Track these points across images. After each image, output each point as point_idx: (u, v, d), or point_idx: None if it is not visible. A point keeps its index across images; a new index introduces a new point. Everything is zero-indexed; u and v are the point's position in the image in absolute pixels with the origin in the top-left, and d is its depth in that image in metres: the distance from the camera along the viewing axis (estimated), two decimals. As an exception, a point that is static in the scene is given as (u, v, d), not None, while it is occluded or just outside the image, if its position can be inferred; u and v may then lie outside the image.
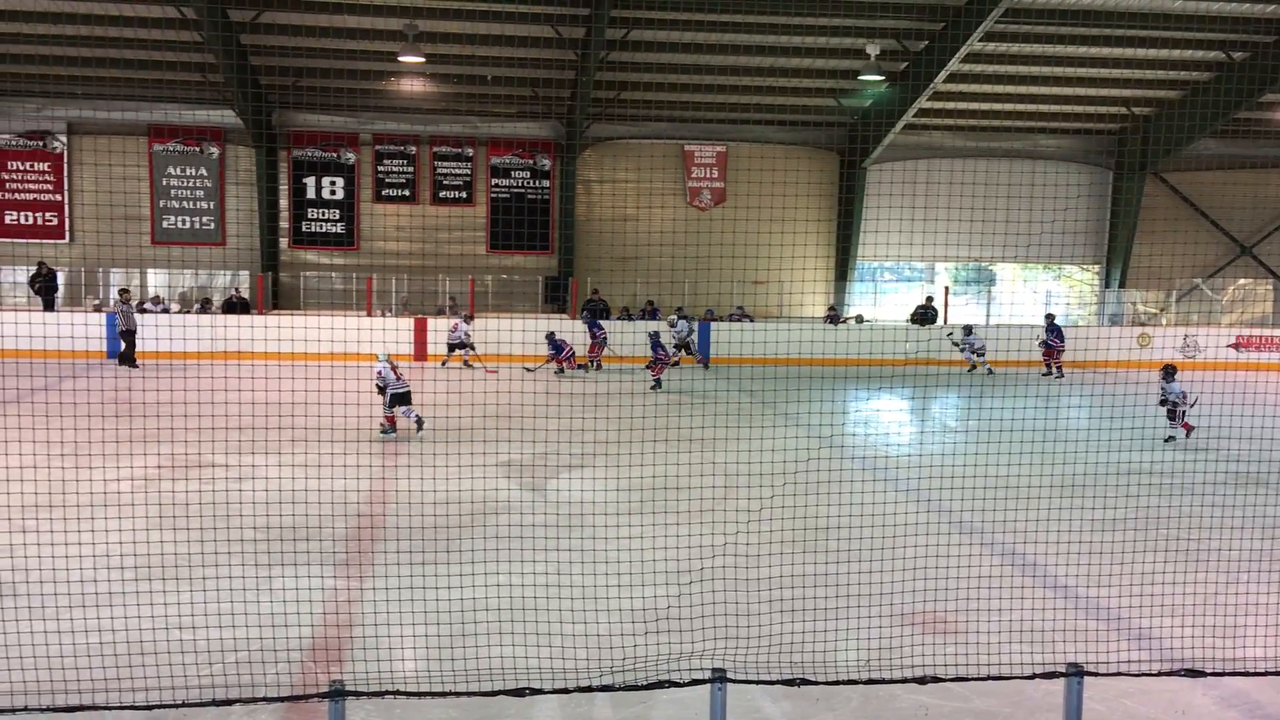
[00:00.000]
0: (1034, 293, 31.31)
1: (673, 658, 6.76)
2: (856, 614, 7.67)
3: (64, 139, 24.47)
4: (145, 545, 9.13)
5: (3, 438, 13.27)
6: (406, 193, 26.10)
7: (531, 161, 26.33)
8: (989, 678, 6.33)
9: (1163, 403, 15.32)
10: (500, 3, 20.33)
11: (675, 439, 14.41)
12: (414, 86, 23.97)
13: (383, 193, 26.04)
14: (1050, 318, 23.45)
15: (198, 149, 24.96)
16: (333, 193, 25.78)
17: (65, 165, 24.55)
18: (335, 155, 25.60)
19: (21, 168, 24.45)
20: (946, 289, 26.90)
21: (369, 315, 24.20)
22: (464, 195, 26.33)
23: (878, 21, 21.93)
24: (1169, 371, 15.49)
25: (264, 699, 6.23)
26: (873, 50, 22.39)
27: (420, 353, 22.82)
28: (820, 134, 26.98)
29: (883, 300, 29.56)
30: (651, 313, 25.43)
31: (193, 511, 9.96)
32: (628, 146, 26.74)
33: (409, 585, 8.08)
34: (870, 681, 6.39)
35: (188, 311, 23.94)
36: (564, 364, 21.02)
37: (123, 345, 20.69)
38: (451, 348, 21.77)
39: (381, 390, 14.67)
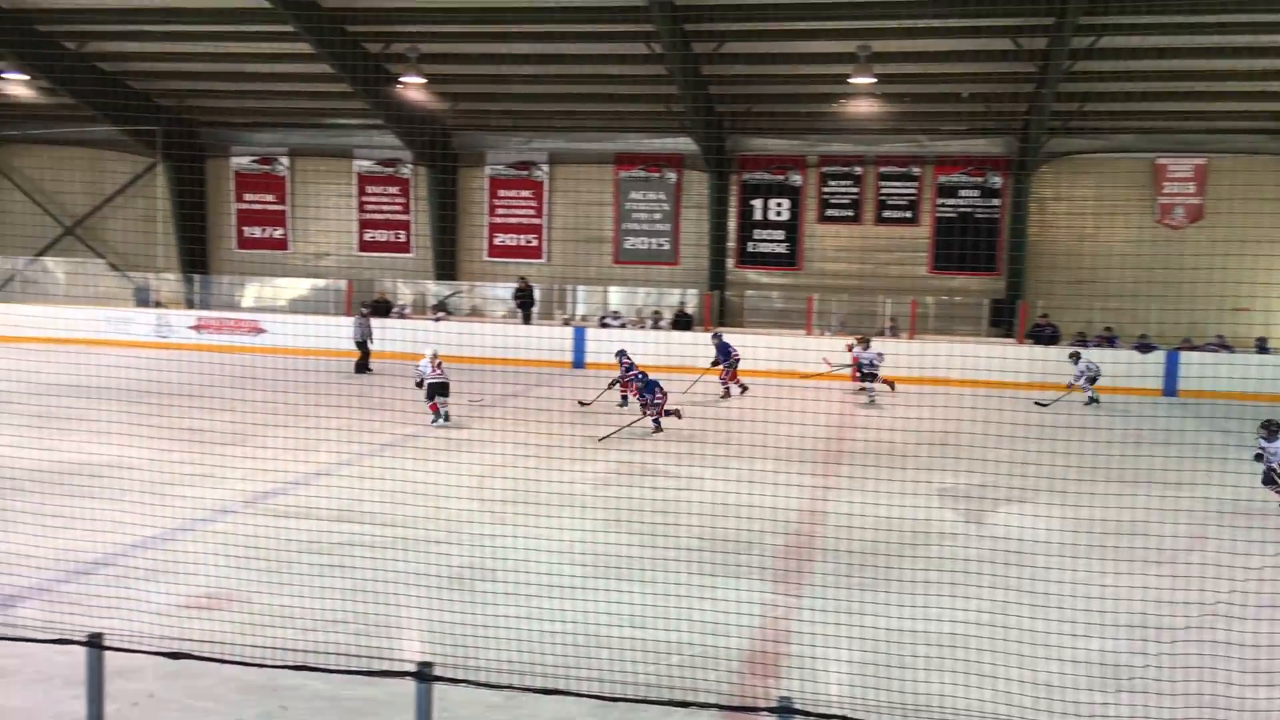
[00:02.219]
0: None
1: (1134, 722, 6.15)
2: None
3: (545, 168, 27.20)
4: (600, 543, 9.86)
5: (482, 438, 14.95)
6: (850, 213, 26.20)
7: (981, 179, 25.41)
8: None
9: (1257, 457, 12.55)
10: (957, 18, 19.81)
11: (1130, 478, 13.20)
12: (862, 107, 24.02)
13: (826, 213, 26.33)
14: None
15: (658, 175, 26.71)
16: (778, 214, 26.48)
17: (545, 192, 27.28)
18: (782, 177, 26.28)
19: (510, 195, 27.50)
20: None
21: (808, 334, 24.54)
22: (908, 215, 25.95)
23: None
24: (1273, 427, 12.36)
25: (714, 705, 6.42)
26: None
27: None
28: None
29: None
30: (1109, 340, 23.54)
31: (641, 515, 10.57)
32: (1089, 161, 25.00)
33: (843, 607, 8.04)
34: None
35: (640, 326, 25.63)
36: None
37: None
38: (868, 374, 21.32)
39: (420, 384, 16.15)
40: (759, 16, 20.36)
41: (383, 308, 26.35)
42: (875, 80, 21.67)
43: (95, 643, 4.52)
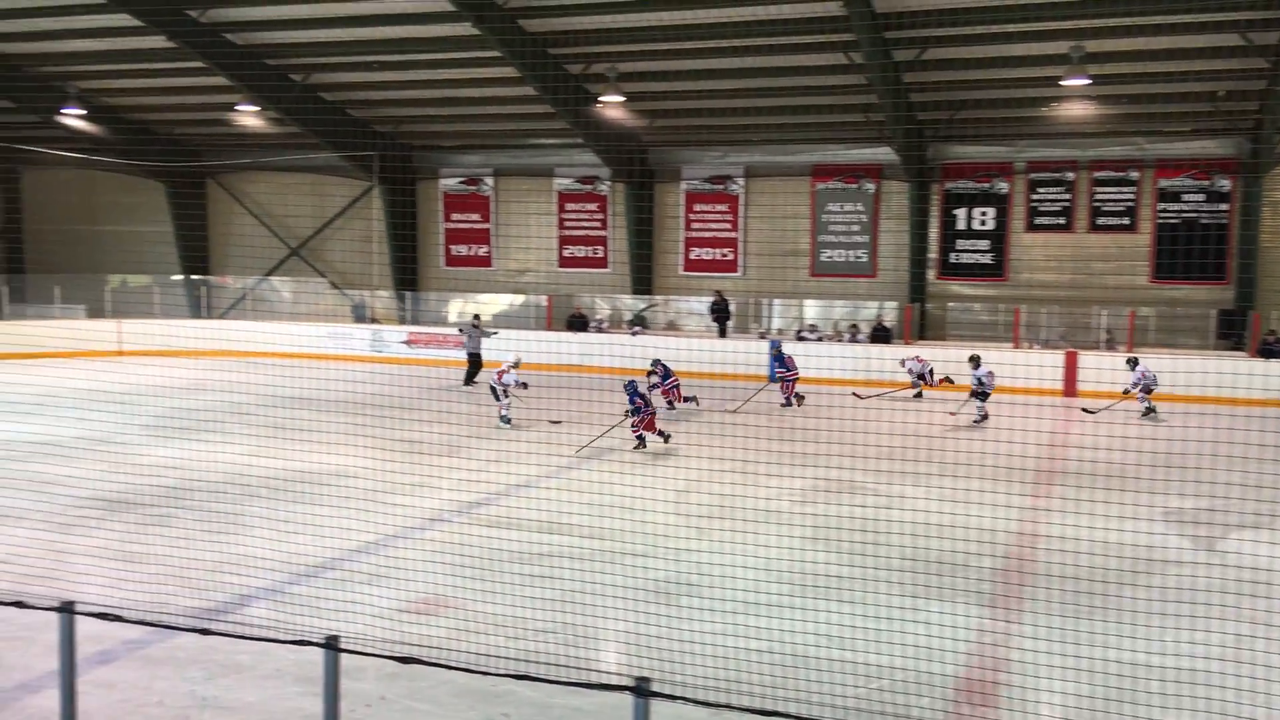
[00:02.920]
0: None
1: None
2: None
3: (741, 182, 27.18)
4: (803, 560, 9.70)
5: (682, 451, 15.01)
6: (1061, 221, 25.03)
7: (1207, 183, 23.80)
8: None
9: None
10: (1180, 14, 18.65)
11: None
12: (1074, 110, 22.92)
13: (1035, 221, 25.24)
14: None
15: (855, 185, 26.27)
16: (983, 223, 25.57)
17: (741, 206, 27.26)
18: (987, 185, 25.37)
19: (706, 209, 27.62)
20: None
21: (1015, 348, 23.57)
22: (1126, 222, 24.56)
23: None
24: None
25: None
26: None
27: (1070, 389, 21.68)
28: None
29: None
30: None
31: (845, 532, 10.35)
32: (1329, 161, 23.05)
33: (1063, 636, 7.62)
34: None
35: (837, 340, 25.23)
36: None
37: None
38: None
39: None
40: (963, 20, 19.75)
41: (580, 322, 26.92)
42: (1089, 82, 20.63)
43: (331, 645, 4.74)
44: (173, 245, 31.23)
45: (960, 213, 25.70)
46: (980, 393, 18.41)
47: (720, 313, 25.88)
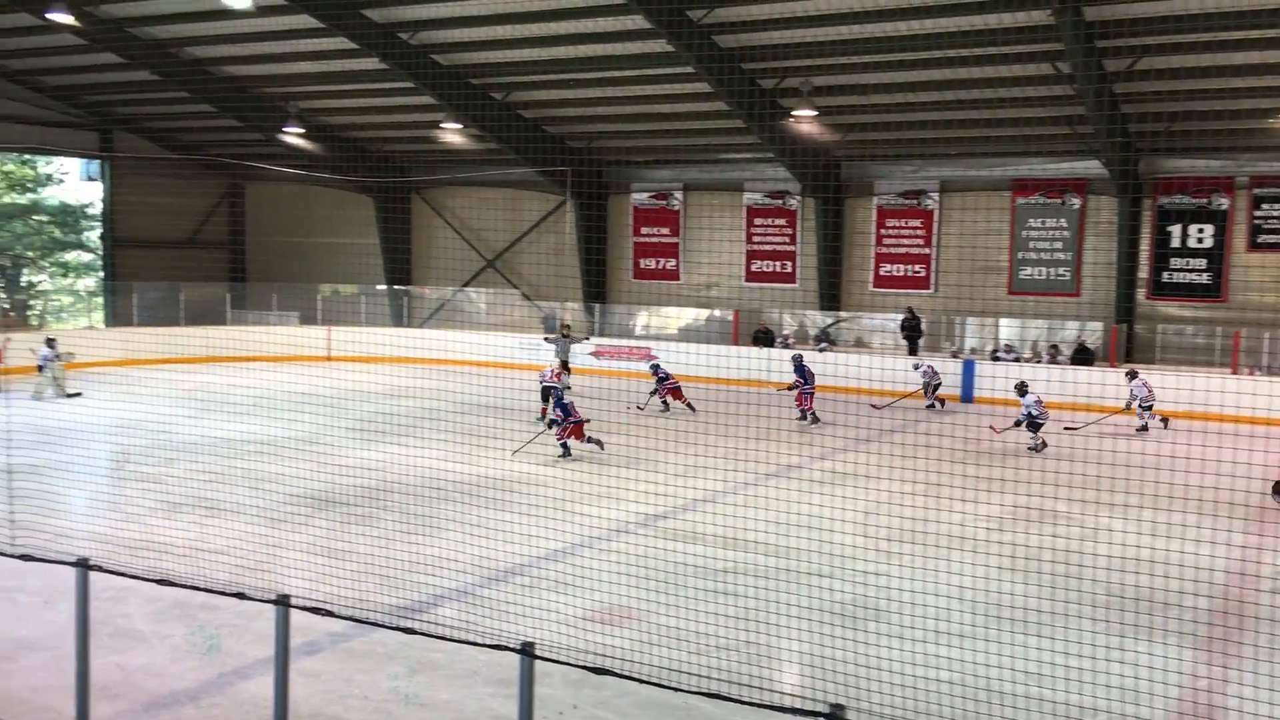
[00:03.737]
0: None
1: None
2: None
3: (935, 197, 26.46)
4: (995, 590, 9.30)
5: (866, 472, 14.68)
6: (1287, 239, 23.26)
7: None
8: None
9: None
10: None
11: None
12: (1305, 121, 21.28)
13: (1258, 240, 23.52)
14: None
15: (1059, 201, 25.15)
16: (1199, 241, 24.01)
17: (935, 221, 26.53)
18: (1205, 201, 23.82)
19: (898, 224, 27.01)
20: None
21: (1234, 373, 22.02)
22: (1362, 241, 22.61)
23: None
24: None
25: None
26: None
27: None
28: None
29: None
30: None
31: (1041, 563, 9.86)
32: None
33: (1288, 689, 7.04)
34: None
35: (1036, 361, 24.17)
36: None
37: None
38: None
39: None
40: (1181, 28, 18.61)
41: (765, 338, 26.76)
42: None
43: (527, 651, 4.83)
44: (379, 257, 32.79)
45: (1174, 230, 24.21)
46: (1033, 422, 17.25)
47: (912, 330, 25.23)
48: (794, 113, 23.03)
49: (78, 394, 20.75)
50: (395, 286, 32.34)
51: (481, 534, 9.93)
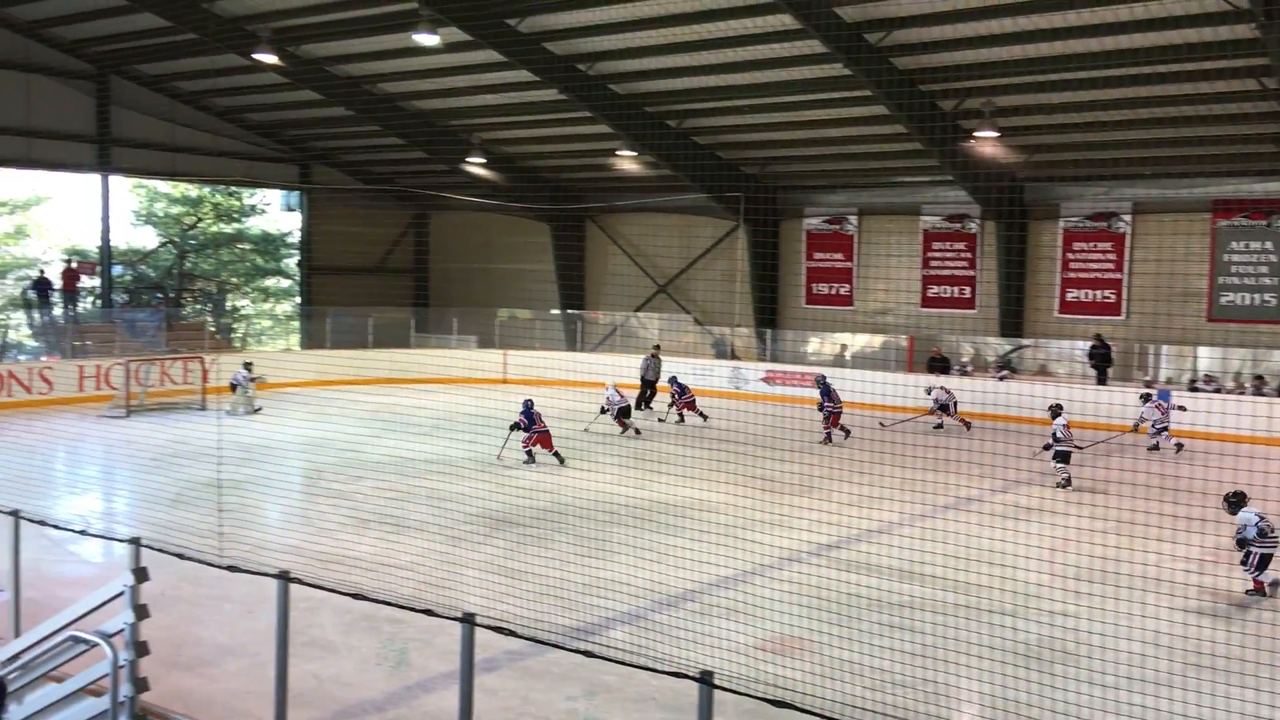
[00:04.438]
0: None
1: None
2: None
3: (1127, 219, 25.25)
4: (1197, 637, 8.75)
5: (1052, 506, 14.06)
6: None
7: None
8: None
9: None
10: None
11: None
12: None
13: None
14: None
15: (1264, 223, 23.59)
16: None
17: (1126, 245, 25.31)
18: None
19: (1085, 248, 25.88)
20: None
21: None
22: None
23: None
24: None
25: None
26: None
27: None
28: None
29: None
30: None
31: (1248, 609, 9.22)
32: None
33: None
34: None
35: (1240, 392, 22.71)
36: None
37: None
38: None
39: (604, 411, 19.73)
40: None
41: (941, 364, 26.05)
42: None
43: (706, 680, 4.81)
44: (553, 282, 33.56)
45: (1395, 252, 22.39)
46: (1060, 452, 15.90)
47: (1100, 358, 24.09)
48: (975, 134, 22.43)
49: (259, 409, 22.36)
50: (569, 311, 33.02)
51: (653, 558, 9.98)
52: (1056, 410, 16.55)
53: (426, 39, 21.32)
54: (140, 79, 28.81)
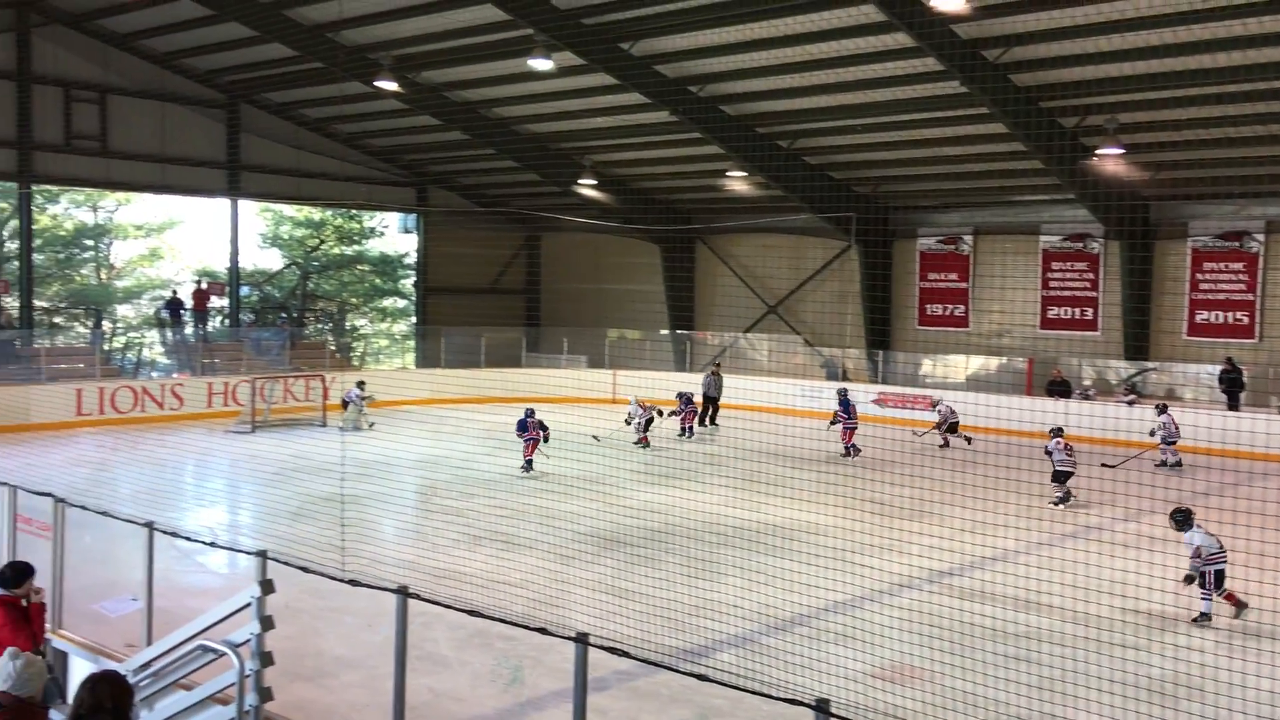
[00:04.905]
0: None
1: None
2: None
3: (1260, 238, 24.19)
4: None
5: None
6: None
7: None
8: None
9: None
10: None
11: None
12: None
13: None
14: None
15: None
16: None
17: (1260, 264, 24.24)
18: None
19: (1215, 268, 24.88)
20: None
21: None
22: None
23: None
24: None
25: None
26: None
27: None
28: None
29: None
30: None
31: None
32: None
33: None
34: None
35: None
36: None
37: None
38: None
39: (627, 422, 21.00)
40: None
41: (1061, 388, 25.29)
42: None
43: (822, 708, 4.74)
44: (663, 303, 33.67)
45: None
46: (1056, 472, 15.83)
47: (1232, 383, 23.09)
48: (1098, 151, 21.80)
49: (372, 424, 22.95)
50: (678, 331, 33.08)
51: (763, 581, 9.90)
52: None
53: (541, 64, 21.70)
54: (268, 106, 29.96)
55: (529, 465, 17.70)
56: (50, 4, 25.32)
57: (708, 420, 24.97)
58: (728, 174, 28.12)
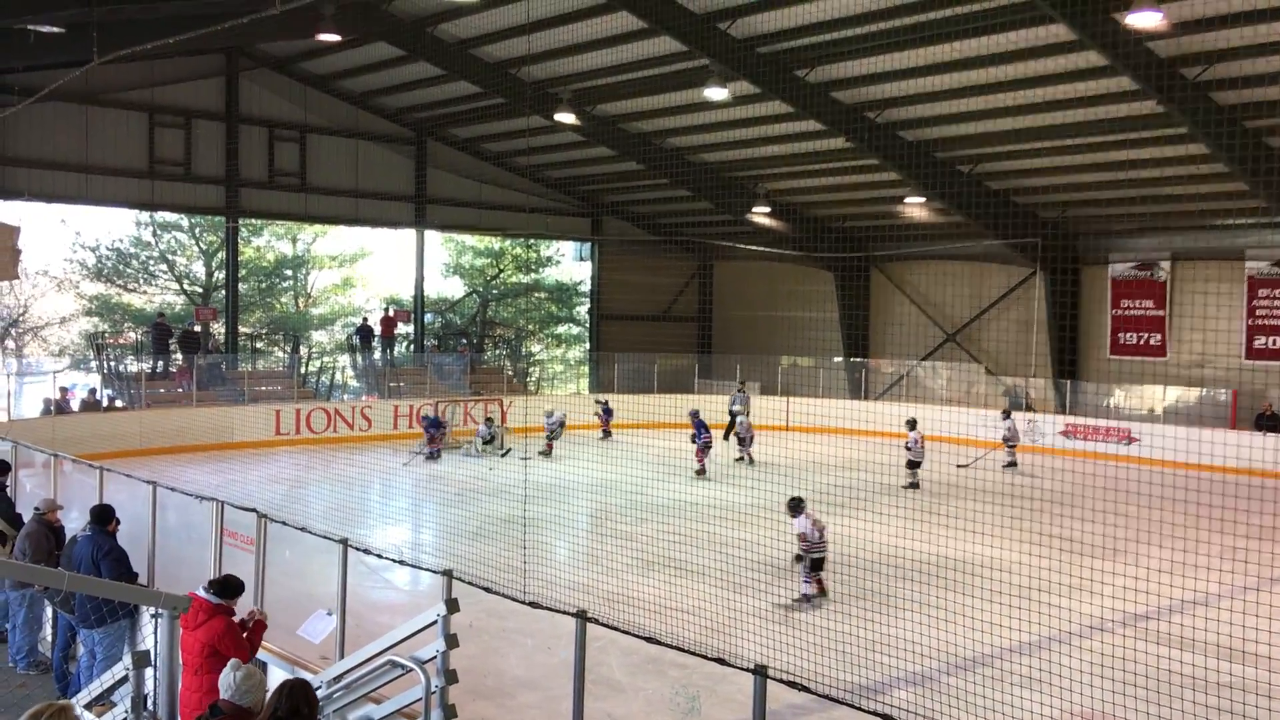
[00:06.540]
0: None
1: None
2: None
3: None
4: None
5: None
6: None
7: None
8: None
9: None
10: None
11: None
12: None
13: None
14: None
15: None
16: None
17: None
18: None
19: None
20: None
21: None
22: None
23: None
24: None
25: None
26: None
27: None
28: None
29: None
30: None
31: None
32: None
33: None
34: None
35: None
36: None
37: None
38: None
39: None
40: None
41: (1271, 422, 23.63)
42: None
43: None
44: (837, 330, 33.22)
45: None
46: (910, 461, 17.56)
47: None
48: (1311, 170, 20.39)
49: (508, 450, 23.28)
50: (852, 359, 32.54)
51: (943, 617, 9.58)
52: (912, 424, 19.89)
53: (716, 93, 21.83)
54: (453, 142, 31.21)
55: (702, 471, 17.82)
56: (257, 49, 27.12)
57: (732, 436, 24.54)
58: (905, 200, 27.57)
